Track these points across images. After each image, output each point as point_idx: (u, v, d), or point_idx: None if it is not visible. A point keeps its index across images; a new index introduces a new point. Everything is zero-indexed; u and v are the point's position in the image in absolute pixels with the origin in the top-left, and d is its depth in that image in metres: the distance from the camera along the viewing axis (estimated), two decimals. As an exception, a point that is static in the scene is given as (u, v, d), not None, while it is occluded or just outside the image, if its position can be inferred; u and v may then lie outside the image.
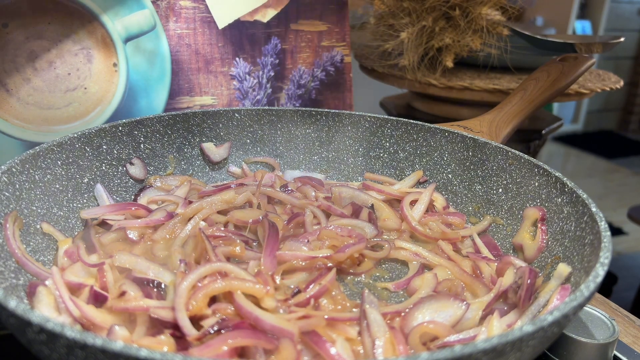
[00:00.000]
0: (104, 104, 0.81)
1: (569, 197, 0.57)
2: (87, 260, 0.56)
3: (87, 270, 0.55)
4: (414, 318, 0.49)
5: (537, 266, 0.59)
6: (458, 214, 0.70)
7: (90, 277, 0.54)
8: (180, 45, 0.86)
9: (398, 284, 0.59)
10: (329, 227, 0.63)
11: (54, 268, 0.53)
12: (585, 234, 0.53)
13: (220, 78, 0.89)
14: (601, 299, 0.69)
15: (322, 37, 0.96)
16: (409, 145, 0.79)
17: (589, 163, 4.23)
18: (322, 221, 0.67)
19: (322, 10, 0.95)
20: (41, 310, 0.48)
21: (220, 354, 0.42)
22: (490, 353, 0.34)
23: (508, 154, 0.68)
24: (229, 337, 0.43)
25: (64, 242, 0.59)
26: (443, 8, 1.05)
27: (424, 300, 0.51)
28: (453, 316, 0.49)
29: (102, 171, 0.69)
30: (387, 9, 1.11)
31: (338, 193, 0.73)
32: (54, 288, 0.50)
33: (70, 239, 0.60)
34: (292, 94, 0.96)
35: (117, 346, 0.33)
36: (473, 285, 0.56)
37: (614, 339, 0.51)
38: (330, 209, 0.69)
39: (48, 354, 0.36)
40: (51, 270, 0.53)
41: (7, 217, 0.54)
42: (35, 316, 0.35)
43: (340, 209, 0.70)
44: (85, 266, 0.55)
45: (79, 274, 0.54)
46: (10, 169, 0.56)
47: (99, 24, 0.79)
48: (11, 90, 0.75)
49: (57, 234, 0.60)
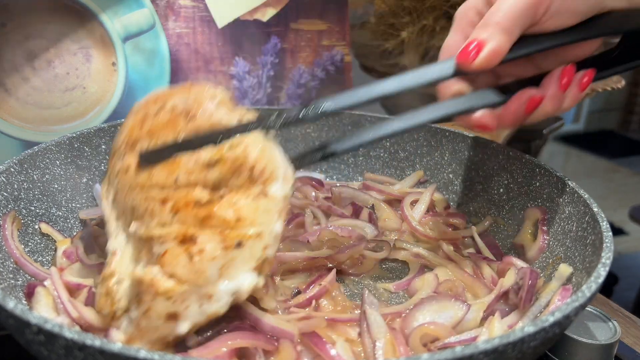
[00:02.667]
0: (103, 103, 0.81)
1: (570, 197, 0.57)
2: (86, 261, 0.56)
3: (87, 271, 0.55)
4: (415, 319, 0.49)
5: (538, 267, 0.59)
6: (459, 214, 0.69)
7: (89, 277, 0.54)
8: (180, 44, 0.85)
9: (399, 285, 0.59)
10: (329, 228, 0.63)
11: (53, 269, 0.53)
12: (586, 234, 0.53)
13: (219, 77, 0.89)
14: (602, 300, 0.68)
15: (322, 36, 0.96)
16: (409, 145, 0.79)
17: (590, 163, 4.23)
18: (322, 221, 0.67)
19: (322, 9, 0.95)
20: (40, 311, 0.48)
21: (219, 355, 0.42)
22: (491, 354, 0.34)
23: (509, 154, 0.68)
24: (229, 338, 0.43)
25: (63, 242, 0.59)
26: (444, 7, 1.04)
27: (424, 301, 0.51)
28: (454, 317, 0.49)
29: (100, 171, 0.69)
30: (388, 8, 1.11)
31: (338, 193, 0.73)
32: (52, 289, 0.50)
33: (69, 240, 0.60)
34: (292, 93, 0.95)
35: (115, 347, 0.33)
36: (474, 286, 0.56)
37: (616, 340, 0.50)
38: (331, 209, 0.69)
39: (47, 354, 0.36)
40: (50, 271, 0.53)
41: (6, 218, 0.54)
42: (33, 317, 0.35)
43: (341, 209, 0.69)
44: (85, 267, 0.55)
45: (78, 274, 0.54)
46: (8, 169, 0.56)
47: (98, 23, 0.79)
48: (10, 90, 0.75)
49: (55, 234, 0.60)
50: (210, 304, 0.42)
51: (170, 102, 0.52)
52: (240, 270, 0.43)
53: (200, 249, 0.42)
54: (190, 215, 0.44)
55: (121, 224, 0.48)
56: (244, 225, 0.44)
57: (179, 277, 0.41)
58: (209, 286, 0.42)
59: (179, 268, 0.41)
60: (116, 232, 0.48)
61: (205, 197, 0.45)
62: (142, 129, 0.51)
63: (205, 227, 0.43)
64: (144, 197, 0.46)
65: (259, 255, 0.44)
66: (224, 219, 0.43)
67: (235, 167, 0.46)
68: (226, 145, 0.47)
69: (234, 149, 0.46)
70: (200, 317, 0.42)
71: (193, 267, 0.41)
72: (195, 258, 0.42)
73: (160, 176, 0.46)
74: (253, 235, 0.43)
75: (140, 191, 0.46)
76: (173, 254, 0.42)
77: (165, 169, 0.46)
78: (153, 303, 0.41)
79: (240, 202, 0.44)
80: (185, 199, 0.44)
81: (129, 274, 0.45)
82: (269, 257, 0.45)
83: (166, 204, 0.45)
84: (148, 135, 0.50)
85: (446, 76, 0.51)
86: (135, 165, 0.48)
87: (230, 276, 0.43)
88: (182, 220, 0.43)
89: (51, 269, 0.53)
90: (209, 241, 0.42)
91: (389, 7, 1.10)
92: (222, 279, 0.42)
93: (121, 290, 0.44)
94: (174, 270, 0.41)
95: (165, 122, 0.50)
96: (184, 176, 0.45)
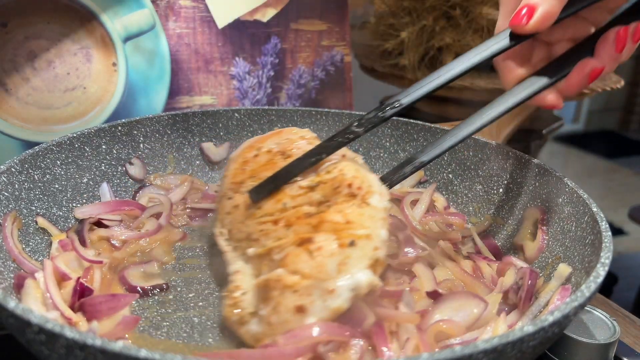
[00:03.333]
0: (103, 103, 0.81)
1: (570, 197, 0.57)
2: (81, 252, 0.57)
3: (78, 263, 0.56)
4: (432, 317, 0.49)
5: (538, 266, 0.59)
6: (458, 214, 0.69)
7: (79, 269, 0.55)
8: (180, 44, 0.86)
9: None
10: None
11: (47, 262, 0.53)
12: (586, 234, 0.53)
13: (219, 78, 0.89)
14: (602, 299, 0.69)
15: (322, 36, 0.96)
16: (409, 145, 0.79)
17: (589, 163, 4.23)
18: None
19: (322, 9, 0.95)
20: (29, 304, 0.48)
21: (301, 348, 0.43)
22: (490, 353, 0.34)
23: (509, 154, 0.68)
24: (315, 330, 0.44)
25: (58, 236, 0.59)
26: (443, 7, 1.05)
27: (445, 298, 0.51)
28: (471, 315, 0.49)
29: (101, 171, 0.69)
30: (388, 8, 1.11)
31: None
32: (42, 282, 0.50)
33: (65, 234, 0.60)
34: (292, 93, 0.95)
35: (116, 346, 0.33)
36: (473, 286, 0.56)
37: (615, 340, 0.51)
38: None
39: (47, 354, 0.36)
40: (43, 263, 0.53)
41: (6, 217, 0.54)
42: (34, 316, 0.35)
43: None
44: (76, 258, 0.56)
45: (69, 265, 0.55)
46: (9, 169, 0.56)
47: (99, 24, 0.79)
48: (10, 90, 0.75)
49: (52, 229, 0.60)
50: (333, 299, 0.44)
51: (265, 146, 0.60)
52: (356, 267, 0.45)
53: (318, 246, 0.45)
54: (303, 224, 0.48)
55: (238, 254, 0.52)
56: (353, 227, 0.47)
57: (302, 273, 0.45)
58: (329, 281, 0.45)
59: (301, 264, 0.45)
60: (234, 260, 0.52)
61: (313, 210, 0.49)
62: (245, 173, 0.57)
63: (319, 231, 0.47)
64: (257, 223, 0.51)
65: (370, 255, 0.46)
66: (335, 222, 0.47)
67: (335, 186, 0.50)
68: (323, 170, 0.53)
69: (331, 172, 0.52)
70: (326, 312, 0.45)
71: (314, 261, 0.45)
72: (315, 254, 0.45)
73: (269, 205, 0.51)
74: (363, 236, 0.47)
75: (252, 221, 0.51)
76: (294, 254, 0.46)
77: (272, 199, 0.52)
78: (281, 298, 0.44)
79: (347, 210, 0.48)
80: (296, 214, 0.49)
81: (252, 284, 0.48)
82: (380, 258, 0.47)
83: (279, 223, 0.49)
84: (251, 176, 0.56)
85: (504, 47, 0.53)
86: (244, 202, 0.54)
87: (348, 272, 0.45)
88: (296, 231, 0.48)
89: (45, 262, 0.53)
90: (326, 239, 0.46)
91: (389, 7, 1.10)
92: (341, 274, 0.45)
93: (246, 300, 0.48)
94: (297, 267, 0.45)
95: (264, 163, 0.57)
96: (290, 201, 0.51)
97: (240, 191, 0.56)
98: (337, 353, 0.44)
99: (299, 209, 0.50)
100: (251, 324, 0.46)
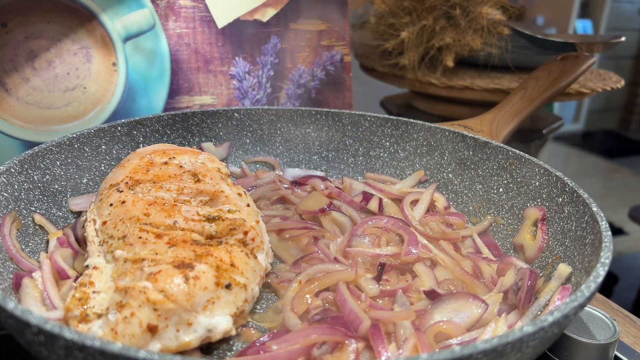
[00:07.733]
0: (103, 103, 0.81)
1: (570, 197, 0.57)
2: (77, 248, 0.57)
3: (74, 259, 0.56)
4: (431, 317, 0.49)
5: (538, 266, 0.59)
6: (458, 214, 0.69)
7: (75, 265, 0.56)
8: (180, 44, 0.86)
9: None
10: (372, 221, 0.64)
11: (44, 260, 0.53)
12: (586, 234, 0.53)
13: (219, 77, 0.89)
14: (602, 299, 0.68)
15: (322, 36, 0.96)
16: (409, 145, 0.79)
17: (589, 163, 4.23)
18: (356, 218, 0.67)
19: (322, 9, 0.95)
20: (28, 304, 0.48)
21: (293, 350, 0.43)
22: (490, 354, 0.34)
23: (509, 154, 0.68)
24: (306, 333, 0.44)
25: (55, 233, 0.59)
26: (444, 7, 1.04)
27: (444, 298, 0.51)
28: (471, 316, 0.49)
29: (101, 171, 0.69)
30: (388, 8, 1.11)
31: (349, 184, 0.74)
32: (40, 282, 0.50)
33: (61, 231, 0.60)
34: (291, 93, 0.95)
35: (115, 347, 0.33)
36: (473, 286, 0.56)
37: (615, 339, 0.50)
38: (341, 195, 0.69)
39: (47, 355, 0.36)
40: (40, 261, 0.53)
41: (5, 217, 0.54)
42: (34, 317, 0.35)
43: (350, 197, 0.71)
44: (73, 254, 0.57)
45: (66, 260, 0.55)
46: (8, 169, 0.56)
47: (99, 24, 0.79)
48: (10, 90, 0.75)
49: (49, 226, 0.60)
50: (186, 332, 0.44)
51: (179, 160, 0.60)
52: (222, 311, 0.46)
53: (196, 275, 0.45)
54: (187, 249, 0.48)
55: (104, 249, 0.51)
56: (235, 272, 0.48)
57: (169, 294, 0.43)
58: (192, 313, 0.44)
59: (171, 285, 0.44)
60: (97, 253, 0.51)
61: (202, 240, 0.50)
62: (147, 174, 0.57)
63: (202, 262, 0.47)
64: (138, 228, 0.50)
65: (239, 305, 0.47)
66: (221, 259, 0.48)
67: (232, 227, 0.52)
68: (226, 208, 0.54)
69: (233, 213, 0.54)
70: (172, 343, 0.44)
71: (186, 288, 0.44)
72: (191, 281, 0.44)
73: (158, 217, 0.51)
74: (241, 283, 0.48)
75: (134, 224, 0.51)
76: (168, 273, 0.45)
77: (164, 212, 0.52)
78: (138, 310, 0.43)
79: (235, 252, 0.49)
80: (183, 237, 0.49)
81: (110, 286, 0.47)
82: (245, 311, 0.49)
83: (162, 238, 0.49)
84: (152, 181, 0.56)
85: None
86: (132, 201, 0.53)
87: (213, 312, 0.45)
88: (177, 252, 0.47)
89: (42, 260, 0.53)
90: (206, 272, 0.46)
91: (389, 7, 1.10)
92: (206, 311, 0.45)
93: (97, 299, 0.46)
94: (166, 286, 0.44)
95: (171, 175, 0.57)
96: (183, 222, 0.51)
97: (134, 189, 0.55)
98: (333, 355, 0.44)
99: (188, 233, 0.50)
100: (94, 324, 0.44)
